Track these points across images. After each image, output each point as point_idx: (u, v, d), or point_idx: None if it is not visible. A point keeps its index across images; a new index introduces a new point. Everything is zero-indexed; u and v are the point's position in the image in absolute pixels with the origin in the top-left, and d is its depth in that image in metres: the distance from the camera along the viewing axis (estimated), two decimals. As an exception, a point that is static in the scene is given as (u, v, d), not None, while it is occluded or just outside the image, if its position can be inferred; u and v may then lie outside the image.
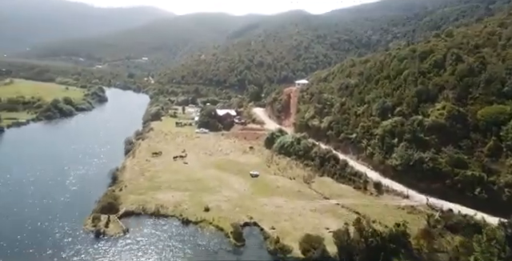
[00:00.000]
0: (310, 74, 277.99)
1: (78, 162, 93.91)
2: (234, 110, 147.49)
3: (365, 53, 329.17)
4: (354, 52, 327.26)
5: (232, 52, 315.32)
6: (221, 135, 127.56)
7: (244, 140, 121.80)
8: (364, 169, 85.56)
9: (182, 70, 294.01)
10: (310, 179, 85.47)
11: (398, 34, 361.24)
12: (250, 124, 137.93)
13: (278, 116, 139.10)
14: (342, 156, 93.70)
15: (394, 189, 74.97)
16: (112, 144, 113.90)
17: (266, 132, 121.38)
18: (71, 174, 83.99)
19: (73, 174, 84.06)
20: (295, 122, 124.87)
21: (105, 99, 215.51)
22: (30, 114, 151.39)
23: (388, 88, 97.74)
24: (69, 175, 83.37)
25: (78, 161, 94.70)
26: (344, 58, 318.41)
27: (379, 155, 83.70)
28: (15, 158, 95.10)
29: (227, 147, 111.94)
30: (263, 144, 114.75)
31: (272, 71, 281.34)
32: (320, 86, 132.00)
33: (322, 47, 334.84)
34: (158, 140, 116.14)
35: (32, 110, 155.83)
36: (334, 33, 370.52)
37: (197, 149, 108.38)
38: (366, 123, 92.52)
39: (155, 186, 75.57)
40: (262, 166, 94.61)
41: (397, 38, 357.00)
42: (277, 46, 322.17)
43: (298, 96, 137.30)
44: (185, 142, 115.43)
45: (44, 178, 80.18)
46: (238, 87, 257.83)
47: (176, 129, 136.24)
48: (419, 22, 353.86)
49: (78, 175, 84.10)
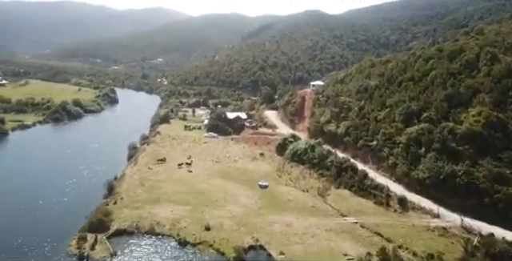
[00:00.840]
0: (325, 74, 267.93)
1: (77, 169, 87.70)
2: (245, 113, 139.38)
3: (383, 53, 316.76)
4: (372, 52, 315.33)
5: (246, 53, 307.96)
6: (230, 140, 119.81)
7: (254, 145, 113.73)
8: (386, 181, 76.23)
9: (195, 71, 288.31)
10: (324, 192, 76.76)
11: (418, 34, 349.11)
12: (262, 128, 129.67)
13: (291, 120, 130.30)
14: (360, 165, 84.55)
15: (422, 206, 65.47)
16: (116, 149, 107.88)
17: (277, 137, 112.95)
18: (66, 184, 77.60)
19: (68, 184, 77.70)
20: (309, 127, 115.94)
21: (116, 101, 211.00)
22: (37, 117, 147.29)
23: (413, 91, 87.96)
24: (63, 185, 77.01)
25: (77, 168, 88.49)
26: (361, 59, 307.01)
27: (403, 166, 74.18)
28: (11, 163, 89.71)
29: (236, 153, 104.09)
30: (275, 150, 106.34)
31: (286, 72, 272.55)
32: (336, 88, 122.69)
33: (339, 47, 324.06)
34: (164, 145, 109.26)
35: (40, 112, 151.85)
36: (351, 33, 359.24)
37: (204, 155, 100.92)
38: (387, 130, 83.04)
39: (154, 199, 68.28)
40: (272, 176, 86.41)
41: (417, 37, 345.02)
42: (292, 47, 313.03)
43: (313, 99, 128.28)
44: (192, 148, 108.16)
45: (36, 187, 74.06)
46: (251, 88, 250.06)
47: (184, 133, 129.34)
48: (440, 21, 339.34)
49: (73, 184, 77.76)
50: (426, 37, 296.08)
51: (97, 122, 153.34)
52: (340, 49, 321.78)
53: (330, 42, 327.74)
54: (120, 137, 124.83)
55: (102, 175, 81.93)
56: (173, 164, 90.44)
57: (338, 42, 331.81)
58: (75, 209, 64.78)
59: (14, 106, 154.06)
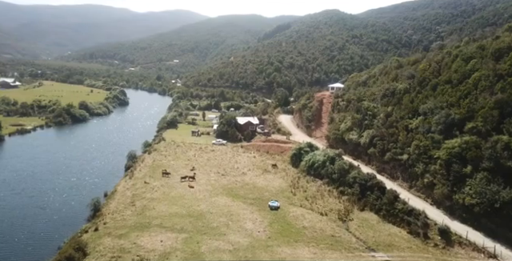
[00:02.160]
0: (344, 76, 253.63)
1: (66, 182, 77.64)
2: (257, 118, 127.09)
3: (405, 53, 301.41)
4: (393, 52, 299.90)
5: (261, 53, 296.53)
6: (240, 148, 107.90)
7: (266, 154, 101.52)
8: (421, 204, 62.86)
9: (209, 73, 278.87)
10: (347, 215, 63.92)
11: (443, 33, 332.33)
12: (275, 134, 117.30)
13: (307, 126, 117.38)
14: (389, 183, 71.40)
15: (471, 240, 51.97)
16: (116, 158, 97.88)
17: (292, 145, 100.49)
18: (51, 200, 67.53)
19: (52, 201, 67.57)
20: (328, 135, 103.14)
21: (125, 103, 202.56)
22: (41, 120, 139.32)
23: (452, 96, 74.01)
24: (47, 202, 66.96)
25: (67, 181, 78.49)
26: (382, 59, 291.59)
27: (443, 187, 60.65)
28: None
29: (245, 164, 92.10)
30: (289, 161, 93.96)
31: (303, 73, 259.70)
32: (358, 91, 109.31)
33: (358, 48, 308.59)
34: (167, 153, 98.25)
35: (45, 115, 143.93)
36: (371, 33, 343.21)
37: (209, 166, 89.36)
38: (422, 142, 69.51)
39: (143, 224, 57.00)
40: (285, 193, 74.05)
41: (441, 37, 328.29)
42: (309, 47, 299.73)
43: (332, 103, 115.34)
44: (197, 157, 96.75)
45: (10, 207, 63.90)
46: (265, 90, 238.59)
47: (191, 139, 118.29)
48: (466, 19, 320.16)
49: (58, 202, 67.54)
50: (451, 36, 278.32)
51: (102, 126, 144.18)
52: (359, 49, 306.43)
53: (348, 42, 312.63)
54: (123, 143, 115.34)
55: (93, 190, 71.57)
56: (172, 177, 79.36)
57: (358, 42, 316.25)
58: (51, 236, 54.31)
59: (19, 109, 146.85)
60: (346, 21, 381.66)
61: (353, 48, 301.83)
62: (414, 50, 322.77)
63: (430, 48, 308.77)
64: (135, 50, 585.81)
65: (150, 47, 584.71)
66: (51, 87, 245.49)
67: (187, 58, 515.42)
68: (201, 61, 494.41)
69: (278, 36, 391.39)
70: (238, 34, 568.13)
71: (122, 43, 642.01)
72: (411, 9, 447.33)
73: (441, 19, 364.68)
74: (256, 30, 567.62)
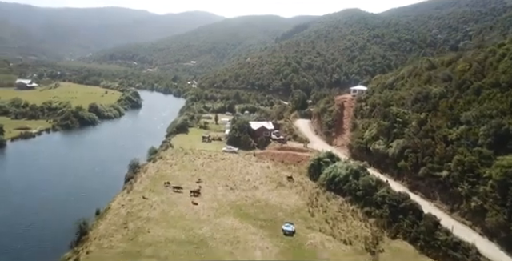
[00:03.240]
0: (365, 77, 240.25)
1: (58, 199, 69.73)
2: (272, 123, 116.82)
3: (430, 53, 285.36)
4: (418, 53, 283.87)
5: (278, 54, 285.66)
6: (252, 156, 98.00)
7: (281, 164, 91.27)
8: (468, 234, 51.42)
9: (225, 74, 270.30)
10: (375, 245, 53.13)
11: (471, 32, 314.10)
12: (291, 141, 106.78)
13: (327, 133, 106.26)
14: (424, 204, 60.03)
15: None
16: (118, 168, 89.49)
17: (310, 155, 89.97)
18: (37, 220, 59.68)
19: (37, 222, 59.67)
20: (350, 143, 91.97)
21: (138, 105, 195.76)
22: (49, 123, 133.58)
23: (501, 102, 62.00)
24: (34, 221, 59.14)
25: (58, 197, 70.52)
26: (405, 60, 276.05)
27: (498, 215, 49.10)
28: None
29: (257, 176, 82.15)
30: (306, 172, 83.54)
31: (322, 74, 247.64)
32: (385, 94, 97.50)
33: (380, 48, 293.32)
34: (174, 162, 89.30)
35: (53, 118, 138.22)
36: (394, 32, 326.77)
37: (217, 177, 79.91)
38: (466, 156, 57.89)
39: (133, 253, 47.90)
40: (301, 212, 63.80)
41: (468, 36, 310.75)
42: (328, 47, 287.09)
43: (355, 107, 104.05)
44: (205, 166, 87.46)
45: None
46: (282, 92, 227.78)
47: (201, 145, 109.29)
48: (496, 17, 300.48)
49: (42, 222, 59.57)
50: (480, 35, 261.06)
51: (111, 130, 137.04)
52: (381, 49, 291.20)
53: (369, 42, 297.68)
54: (130, 149, 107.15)
55: (84, 207, 63.29)
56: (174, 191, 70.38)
57: (379, 42, 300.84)
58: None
59: (28, 112, 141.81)
60: (367, 20, 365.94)
61: (374, 48, 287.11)
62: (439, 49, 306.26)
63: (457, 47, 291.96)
64: (154, 51, 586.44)
65: (168, 48, 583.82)
66: (67, 88, 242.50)
67: (204, 58, 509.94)
68: (218, 62, 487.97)
69: (295, 36, 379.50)
70: (256, 35, 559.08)
71: (141, 44, 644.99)
72: (434, 7, 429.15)
73: (468, 18, 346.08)
74: (273, 30, 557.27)
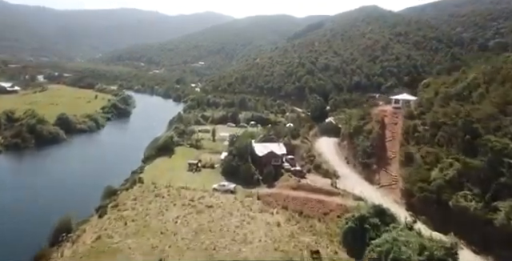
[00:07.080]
0: (389, 79, 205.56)
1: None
2: (283, 145, 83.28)
3: (459, 53, 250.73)
4: (445, 52, 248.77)
5: (291, 54, 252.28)
6: (256, 199, 64.84)
7: (298, 217, 58.02)
8: None
9: (231, 76, 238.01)
10: None
11: (502, 30, 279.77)
12: (312, 174, 73.29)
13: (364, 164, 71.96)
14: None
15: None
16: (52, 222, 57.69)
17: (343, 202, 56.83)
18: None
19: None
20: (406, 187, 58.10)
21: (127, 113, 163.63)
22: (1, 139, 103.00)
23: None
24: None
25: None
26: (432, 60, 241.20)
27: None
28: None
29: (260, 246, 49.15)
30: (339, 238, 50.44)
31: (340, 76, 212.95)
32: (454, 109, 63.34)
33: (403, 47, 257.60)
34: (132, 217, 56.29)
35: (2, 135, 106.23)
36: (417, 30, 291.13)
37: (193, 250, 47.23)
38: None
39: None
40: None
41: (500, 33, 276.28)
42: (346, 46, 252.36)
43: (404, 127, 70.10)
44: (181, 224, 54.78)
45: None
46: (295, 97, 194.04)
47: (185, 176, 76.47)
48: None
49: None
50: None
51: (79, 150, 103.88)
52: (405, 48, 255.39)
53: (392, 41, 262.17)
54: (89, 185, 75.45)
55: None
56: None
57: (403, 41, 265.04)
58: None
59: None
60: (387, 18, 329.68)
61: (398, 47, 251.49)
62: (468, 48, 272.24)
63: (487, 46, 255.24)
64: (162, 52, 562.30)
65: (177, 49, 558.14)
66: (55, 92, 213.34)
67: (213, 59, 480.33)
68: (227, 63, 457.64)
69: (309, 35, 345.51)
70: (266, 35, 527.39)
71: (150, 45, 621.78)
72: (453, 5, 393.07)
73: (496, 15, 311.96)
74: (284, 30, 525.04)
